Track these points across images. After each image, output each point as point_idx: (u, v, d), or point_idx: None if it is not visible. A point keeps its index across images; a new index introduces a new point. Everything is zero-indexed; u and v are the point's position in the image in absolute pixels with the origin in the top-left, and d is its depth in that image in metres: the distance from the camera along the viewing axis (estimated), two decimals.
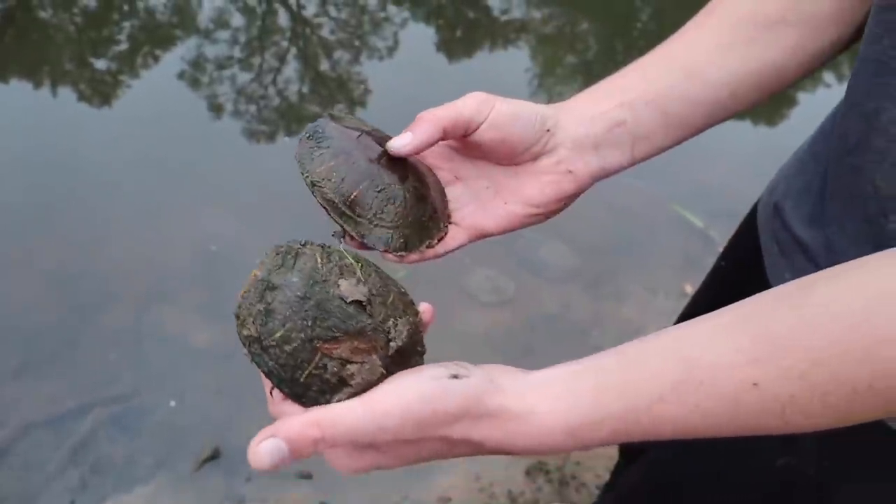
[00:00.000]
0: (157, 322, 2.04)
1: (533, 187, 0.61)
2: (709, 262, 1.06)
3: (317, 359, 0.47)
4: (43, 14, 4.00)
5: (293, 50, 3.92)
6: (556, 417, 0.44)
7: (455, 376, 0.45)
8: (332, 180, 0.55)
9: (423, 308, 0.55)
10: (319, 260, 0.49)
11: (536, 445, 0.45)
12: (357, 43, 3.94)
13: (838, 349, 0.39)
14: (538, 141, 0.59)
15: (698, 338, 0.44)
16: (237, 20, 4.11)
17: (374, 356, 0.48)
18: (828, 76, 3.81)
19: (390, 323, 0.50)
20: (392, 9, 4.19)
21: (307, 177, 0.55)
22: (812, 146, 0.71)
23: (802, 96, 3.67)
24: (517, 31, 4.05)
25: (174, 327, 2.04)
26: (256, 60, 3.80)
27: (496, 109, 0.57)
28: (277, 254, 0.49)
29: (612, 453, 1.68)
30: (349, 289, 0.48)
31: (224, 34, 3.96)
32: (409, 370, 0.48)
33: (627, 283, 2.38)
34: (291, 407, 0.48)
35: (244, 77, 3.59)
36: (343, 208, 0.55)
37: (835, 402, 0.40)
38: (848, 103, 0.57)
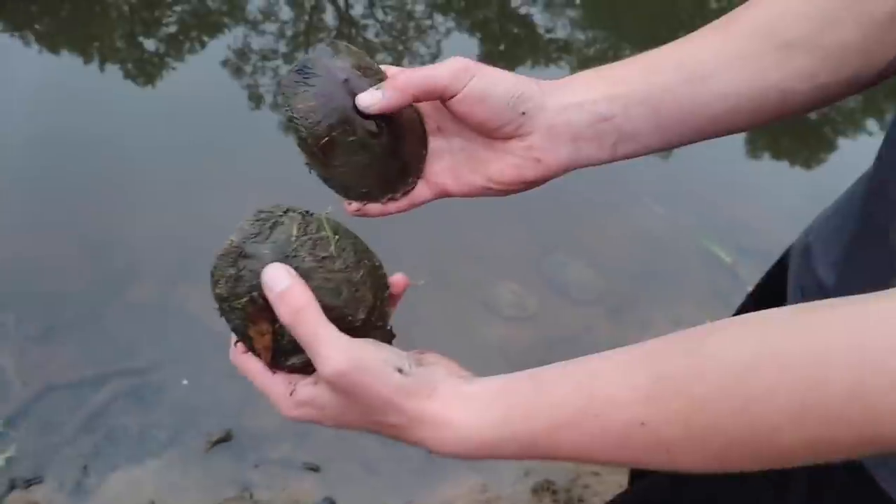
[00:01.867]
0: (180, 301, 2.06)
1: (496, 165, 0.60)
2: (735, 299, 1.06)
3: (276, 326, 0.50)
4: None
5: None
6: (467, 431, 0.47)
7: (399, 370, 0.48)
8: (309, 120, 0.55)
9: (395, 280, 0.57)
10: (296, 231, 0.51)
11: (447, 451, 0.48)
12: (400, 48, 3.98)
13: (717, 400, 0.40)
14: (510, 122, 0.57)
15: (604, 371, 0.46)
16: (285, 14, 4.17)
17: None
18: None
19: (351, 300, 0.52)
20: (438, 17, 4.23)
21: (287, 111, 0.56)
22: (852, 189, 0.69)
23: (856, 142, 3.64)
24: (559, 51, 4.07)
25: (197, 308, 2.06)
26: (300, 56, 3.85)
27: (469, 85, 0.55)
28: (257, 220, 0.51)
29: (622, 479, 1.67)
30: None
31: (271, 27, 4.02)
32: (372, 344, 0.50)
33: (651, 312, 2.37)
34: (250, 360, 0.53)
35: (286, 71, 3.64)
36: (314, 149, 0.56)
37: (715, 451, 0.41)
38: (884, 148, 0.57)
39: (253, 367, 0.53)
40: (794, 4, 0.59)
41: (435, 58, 3.86)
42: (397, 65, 0.62)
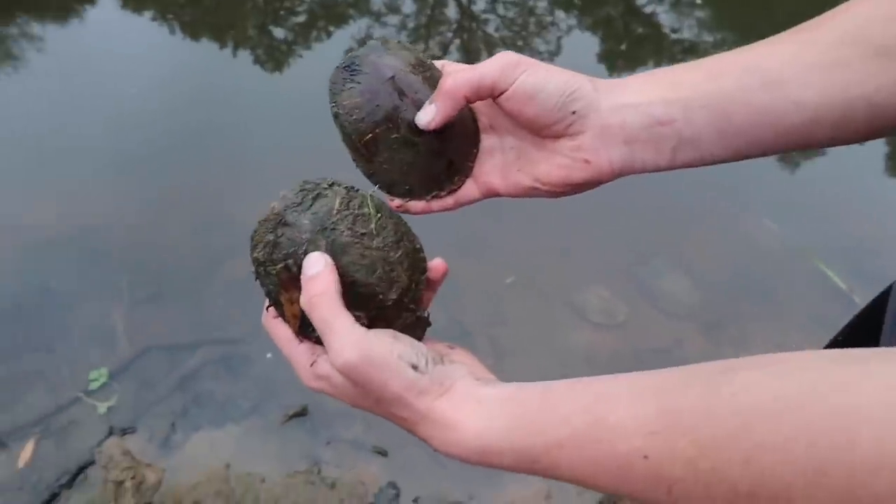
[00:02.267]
0: None
1: (544, 165, 0.57)
2: None
3: None
4: None
5: (456, 42, 4.00)
6: (470, 436, 0.47)
7: (415, 367, 0.48)
8: (354, 117, 0.56)
9: (434, 265, 0.56)
10: (338, 205, 0.52)
11: (449, 452, 0.48)
12: (520, 43, 3.95)
13: (725, 445, 0.37)
14: (560, 121, 0.55)
15: (613, 395, 0.44)
16: (408, 6, 4.25)
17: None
18: None
19: (384, 278, 0.52)
20: (560, 14, 4.17)
21: (333, 107, 0.57)
22: None
23: None
24: (685, 53, 3.89)
25: None
26: (420, 47, 3.91)
27: (519, 80, 0.54)
28: (301, 190, 0.52)
29: None
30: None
31: (394, 19, 4.11)
32: (389, 336, 0.49)
33: (751, 333, 2.23)
34: (280, 326, 0.54)
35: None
36: (358, 145, 0.57)
37: (716, 495, 0.38)
38: None
39: (281, 333, 0.54)
40: (886, 8, 0.53)
41: (554, 55, 3.81)
42: None
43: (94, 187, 2.50)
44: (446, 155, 0.59)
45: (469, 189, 0.61)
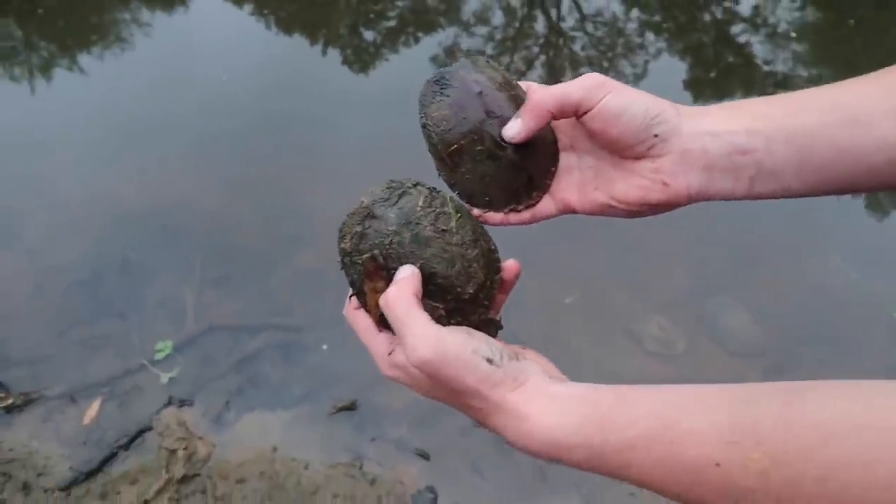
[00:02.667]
0: (339, 275, 2.22)
1: (622, 184, 0.59)
2: None
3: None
4: None
5: (542, 58, 4.01)
6: (542, 429, 0.48)
7: (490, 360, 0.49)
8: (441, 128, 0.59)
9: (508, 265, 0.58)
10: (421, 203, 0.55)
11: (521, 444, 0.49)
12: (606, 64, 3.93)
13: (800, 457, 0.37)
14: (642, 143, 0.56)
15: (688, 401, 0.44)
16: (497, 18, 4.28)
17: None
18: None
19: (462, 273, 0.54)
20: (649, 36, 4.12)
21: (422, 118, 0.60)
22: None
23: None
24: (776, 86, 3.78)
25: None
26: (505, 59, 3.94)
27: (605, 101, 0.56)
28: (388, 187, 0.56)
29: None
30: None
31: (482, 29, 4.15)
32: (464, 332, 0.52)
33: (815, 379, 2.14)
34: (361, 316, 0.57)
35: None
36: (443, 155, 0.60)
37: None
38: None
39: (362, 322, 0.57)
40: None
41: (640, 79, 3.76)
42: None
43: (179, 168, 2.63)
44: (527, 170, 0.61)
45: (546, 205, 0.63)
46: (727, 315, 2.28)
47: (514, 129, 0.58)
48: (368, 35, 3.99)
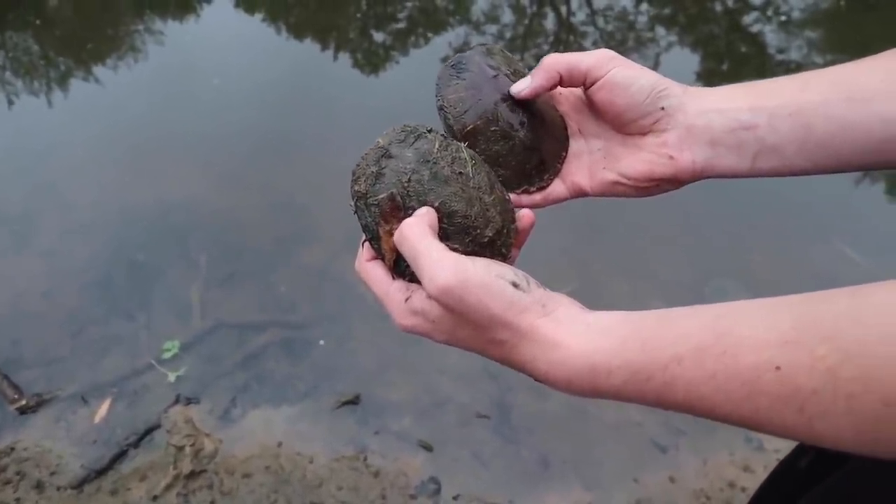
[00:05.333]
0: (341, 270, 2.24)
1: (629, 159, 0.60)
2: None
3: None
4: None
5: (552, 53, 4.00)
6: (577, 356, 0.45)
7: (515, 285, 0.47)
8: (457, 109, 0.61)
9: (522, 214, 0.58)
10: (437, 146, 0.54)
11: (552, 375, 0.46)
12: None
13: (874, 350, 0.34)
14: (648, 115, 0.58)
15: (739, 311, 0.41)
16: (507, 17, 4.29)
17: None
18: None
19: (481, 215, 0.54)
20: (660, 30, 4.09)
21: (438, 100, 0.62)
22: None
23: None
24: (789, 74, 3.72)
25: (353, 278, 2.20)
26: (516, 57, 3.93)
27: (613, 72, 0.57)
28: (403, 130, 0.55)
29: None
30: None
31: (492, 28, 4.16)
32: (484, 260, 0.49)
33: None
34: (374, 267, 0.54)
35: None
36: (458, 136, 0.61)
37: (859, 410, 0.34)
38: None
39: (375, 273, 0.54)
40: None
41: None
42: None
43: (184, 169, 2.67)
44: (539, 152, 0.63)
45: (558, 188, 0.65)
46: (727, 298, 2.24)
47: (522, 85, 0.60)
48: (378, 37, 4.01)
